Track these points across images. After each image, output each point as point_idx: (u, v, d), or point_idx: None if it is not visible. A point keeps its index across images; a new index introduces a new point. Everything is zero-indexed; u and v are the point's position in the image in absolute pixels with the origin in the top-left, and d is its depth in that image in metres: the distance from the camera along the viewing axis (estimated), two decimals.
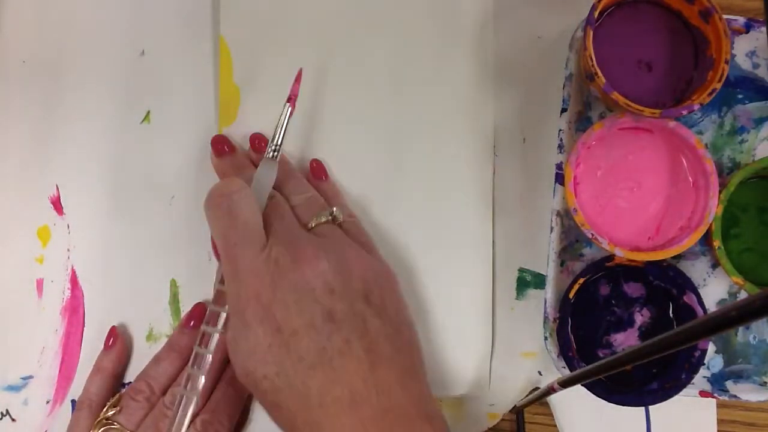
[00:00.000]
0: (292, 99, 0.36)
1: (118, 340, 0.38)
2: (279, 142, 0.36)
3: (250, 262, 0.31)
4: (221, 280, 0.33)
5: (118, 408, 0.35)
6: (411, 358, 0.32)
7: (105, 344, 0.38)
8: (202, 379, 0.33)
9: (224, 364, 0.36)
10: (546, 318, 0.37)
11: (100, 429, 0.35)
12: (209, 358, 0.33)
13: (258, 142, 0.39)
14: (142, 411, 0.35)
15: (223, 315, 0.33)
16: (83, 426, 0.35)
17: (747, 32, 0.39)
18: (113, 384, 0.38)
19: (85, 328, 0.39)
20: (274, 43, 0.40)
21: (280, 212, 0.34)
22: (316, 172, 0.39)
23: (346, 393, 0.29)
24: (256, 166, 0.36)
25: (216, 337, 0.33)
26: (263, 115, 0.40)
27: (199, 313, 0.38)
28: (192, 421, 0.34)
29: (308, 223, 0.34)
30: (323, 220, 0.34)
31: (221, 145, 0.38)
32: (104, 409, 0.35)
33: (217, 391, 0.36)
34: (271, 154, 0.35)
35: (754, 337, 0.39)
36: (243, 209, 0.32)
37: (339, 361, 0.30)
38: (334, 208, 0.35)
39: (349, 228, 0.36)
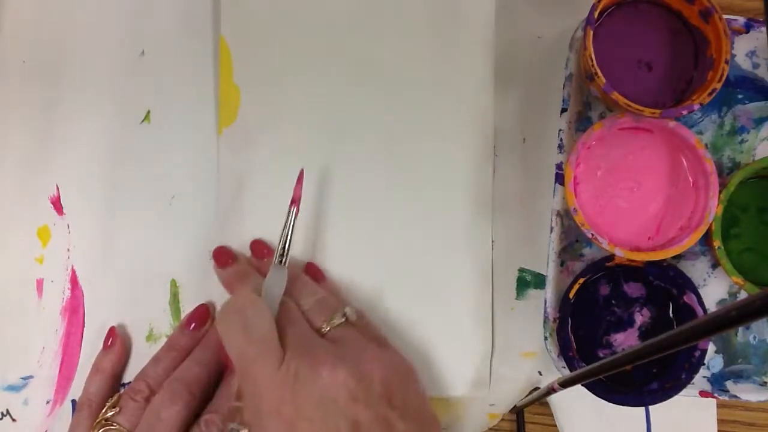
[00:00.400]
0: (295, 202, 0.36)
1: (117, 341, 0.38)
2: (287, 248, 0.35)
3: (269, 377, 0.30)
4: (237, 396, 0.32)
5: (117, 408, 0.35)
6: None
7: (104, 344, 0.38)
8: None
9: None
10: (546, 318, 0.37)
11: (99, 430, 0.35)
12: None
13: (259, 248, 0.38)
14: (141, 411, 0.35)
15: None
16: (84, 427, 0.35)
17: (747, 32, 0.39)
18: (113, 384, 0.38)
19: (85, 328, 0.39)
20: (274, 42, 0.40)
21: (292, 319, 0.33)
22: (313, 274, 0.38)
23: None
24: (259, 272, 0.36)
25: None
26: (263, 115, 0.40)
27: (201, 314, 0.38)
28: (196, 423, 0.34)
29: (321, 327, 0.34)
30: (336, 323, 0.34)
31: (224, 257, 0.38)
32: (104, 410, 0.35)
33: (220, 392, 0.36)
34: (278, 260, 0.35)
35: (754, 337, 0.39)
36: (259, 325, 0.32)
37: None
38: (347, 309, 0.34)
39: (361, 326, 0.35)
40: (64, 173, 0.41)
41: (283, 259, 0.35)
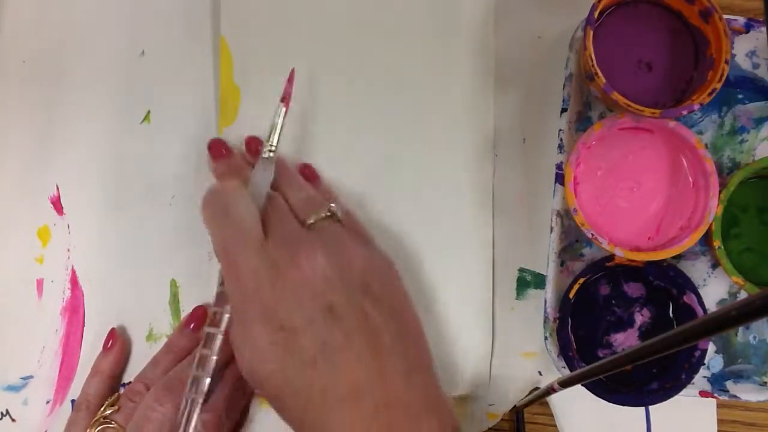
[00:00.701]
0: (285, 99, 0.36)
1: (117, 342, 0.38)
2: (274, 142, 0.35)
3: (249, 261, 0.31)
4: (222, 282, 0.33)
5: (115, 407, 0.35)
6: (415, 349, 0.32)
7: (104, 346, 0.38)
8: (207, 382, 0.33)
9: (226, 364, 0.36)
10: (546, 318, 0.37)
11: (97, 428, 0.35)
12: (214, 360, 0.33)
13: (253, 144, 0.39)
14: None
15: (226, 316, 0.33)
16: (81, 426, 0.35)
17: (747, 32, 0.39)
18: (111, 385, 0.38)
19: (85, 328, 0.39)
20: (274, 42, 0.40)
21: (277, 211, 0.34)
22: (308, 175, 0.39)
23: (348, 388, 0.29)
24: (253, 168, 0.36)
25: (220, 338, 0.33)
26: (264, 114, 0.40)
27: (199, 315, 0.38)
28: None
29: (307, 221, 0.34)
30: (322, 216, 0.34)
31: (218, 148, 0.38)
32: (102, 409, 0.35)
33: (219, 390, 0.36)
34: (267, 154, 0.35)
35: (754, 337, 0.39)
36: (239, 208, 0.32)
37: (340, 355, 0.30)
38: (332, 204, 0.35)
39: (348, 223, 0.36)
40: (64, 173, 0.41)
41: (270, 153, 0.35)
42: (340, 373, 0.29)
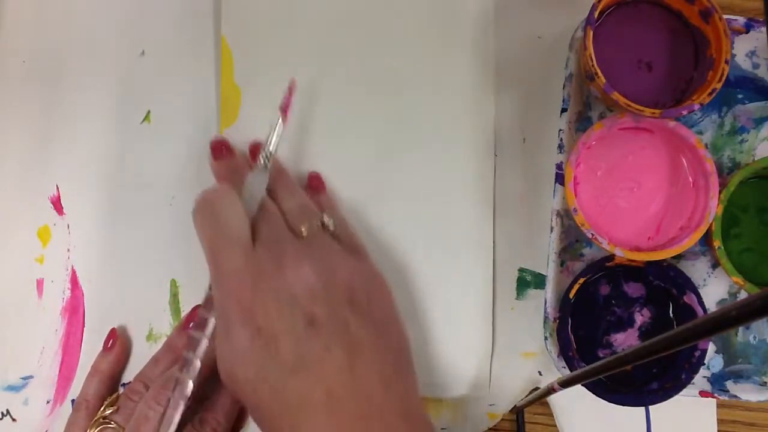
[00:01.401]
0: (284, 109, 0.36)
1: (117, 343, 0.38)
2: (270, 151, 0.35)
3: (233, 266, 0.31)
4: (210, 286, 0.33)
5: (115, 407, 0.35)
6: (397, 361, 0.32)
7: (104, 346, 0.38)
8: (191, 384, 0.33)
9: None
10: (546, 318, 0.37)
11: (97, 428, 0.35)
12: (198, 363, 0.33)
13: (255, 150, 0.38)
14: None
15: (212, 320, 0.33)
16: (80, 426, 0.35)
17: (747, 32, 0.39)
18: (110, 385, 0.38)
19: (85, 328, 0.39)
20: (275, 43, 0.40)
21: (268, 218, 0.33)
22: (314, 184, 0.39)
23: (324, 398, 0.29)
24: None
25: (204, 342, 0.33)
26: (264, 115, 0.40)
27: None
28: (190, 421, 0.34)
29: (298, 229, 0.34)
30: (313, 226, 0.34)
31: (219, 148, 0.38)
32: (101, 409, 0.35)
33: (216, 391, 0.36)
34: (262, 162, 0.35)
35: (754, 337, 0.39)
36: (228, 213, 0.32)
37: (318, 366, 0.29)
38: (324, 215, 0.35)
39: (340, 235, 0.35)
40: (64, 173, 0.41)
41: (266, 162, 0.35)
42: (318, 383, 0.29)
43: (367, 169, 0.40)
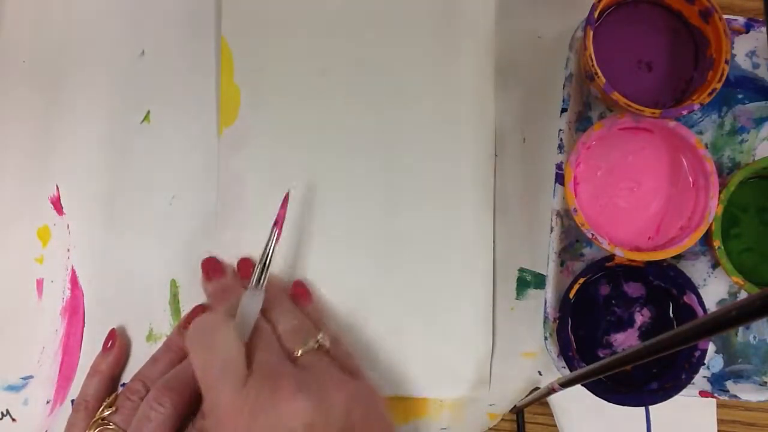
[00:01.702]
0: (278, 223, 0.35)
1: (117, 343, 0.38)
2: (265, 272, 0.35)
3: (229, 399, 0.30)
4: (203, 414, 0.32)
5: (113, 408, 0.35)
6: None
7: (103, 346, 0.38)
8: None
9: None
10: (546, 318, 0.37)
11: (95, 429, 0.35)
12: None
13: (245, 267, 0.38)
14: (136, 411, 0.35)
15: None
16: (79, 427, 0.35)
17: (747, 32, 0.39)
18: (110, 386, 0.38)
19: (85, 328, 0.39)
20: (275, 43, 0.40)
21: (264, 343, 0.33)
22: (299, 296, 0.38)
23: None
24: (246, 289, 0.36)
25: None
26: (264, 115, 0.40)
27: (198, 314, 0.38)
28: (191, 423, 0.34)
29: (294, 352, 0.33)
30: (309, 348, 0.34)
31: (211, 269, 0.38)
32: (100, 409, 0.35)
33: None
34: (255, 282, 0.35)
35: (754, 337, 0.39)
36: (222, 345, 0.32)
37: None
38: (320, 336, 0.34)
39: (336, 353, 0.35)
40: (64, 173, 0.41)
41: (260, 283, 0.35)
42: None
43: (366, 169, 0.40)
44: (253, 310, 0.34)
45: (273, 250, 0.35)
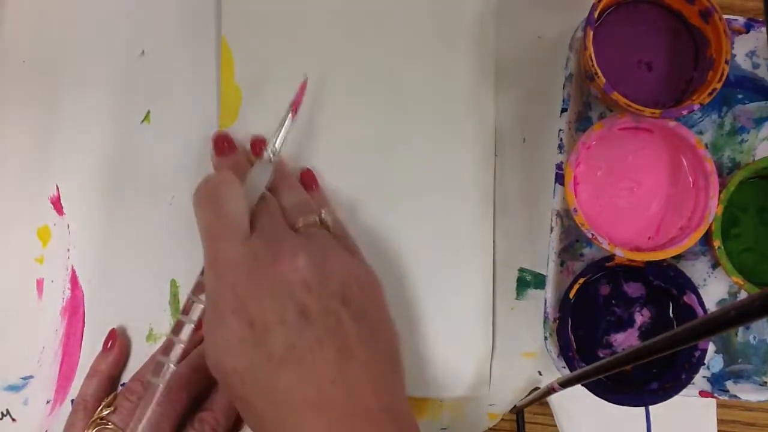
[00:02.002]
0: (295, 105, 0.36)
1: (117, 344, 0.38)
2: (277, 146, 0.35)
3: (230, 254, 0.31)
4: (202, 271, 0.33)
5: (112, 408, 0.35)
6: (387, 363, 0.32)
7: (103, 347, 0.38)
8: (172, 368, 0.33)
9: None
10: (546, 318, 0.37)
11: (94, 429, 0.35)
12: (180, 348, 0.33)
13: (258, 145, 0.39)
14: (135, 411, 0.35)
15: (200, 306, 0.33)
16: (78, 427, 0.35)
17: (747, 32, 0.39)
18: (109, 386, 0.38)
19: (85, 328, 0.39)
20: (275, 42, 0.40)
21: (267, 210, 0.33)
22: (307, 181, 0.39)
23: (313, 393, 0.29)
24: None
25: (189, 327, 0.33)
26: (265, 115, 0.40)
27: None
28: (189, 421, 0.34)
29: (296, 224, 0.34)
30: (311, 221, 0.34)
31: (223, 143, 0.38)
32: (99, 409, 0.35)
33: (215, 390, 0.36)
34: (267, 156, 0.35)
35: (754, 337, 0.39)
36: (229, 201, 0.32)
37: (309, 359, 0.29)
38: (323, 211, 0.35)
39: (337, 232, 0.36)
40: (64, 173, 0.41)
41: (272, 156, 0.35)
42: (307, 377, 0.29)
43: (367, 169, 0.40)
44: (261, 182, 0.34)
45: (287, 128, 0.35)
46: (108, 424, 0.35)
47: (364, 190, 0.40)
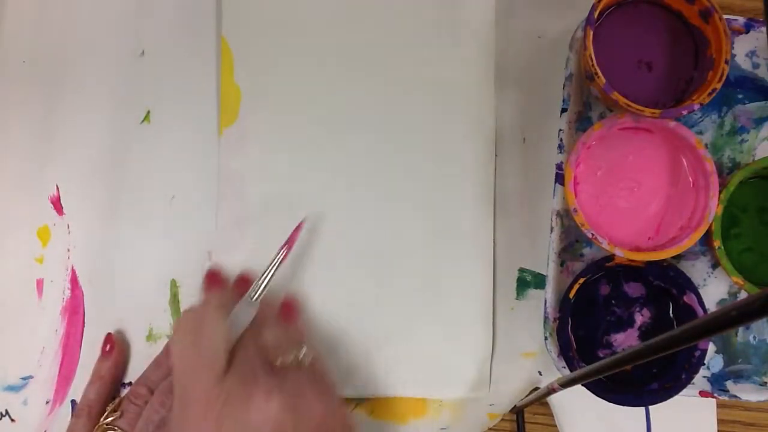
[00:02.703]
0: (289, 245, 0.36)
1: (115, 347, 0.38)
2: (263, 287, 0.35)
3: (204, 388, 0.30)
4: (170, 407, 0.32)
5: (118, 413, 0.35)
6: None
7: (102, 351, 0.38)
8: None
9: None
10: (546, 318, 0.37)
11: None
12: None
13: (243, 283, 0.38)
14: (141, 415, 0.35)
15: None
16: None
17: (747, 32, 0.39)
18: (111, 389, 0.38)
19: (85, 328, 0.39)
20: (275, 42, 0.40)
21: (247, 348, 0.33)
22: (288, 312, 0.38)
23: None
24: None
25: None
26: (264, 115, 0.40)
27: None
28: None
29: (275, 362, 0.33)
30: (289, 360, 0.33)
31: (213, 280, 0.38)
32: (105, 415, 0.35)
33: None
34: (253, 296, 0.35)
35: (754, 337, 0.39)
36: (209, 336, 0.31)
37: None
38: (303, 349, 0.34)
39: (314, 370, 0.34)
40: (64, 173, 0.41)
41: (256, 296, 0.35)
42: None
43: (367, 169, 0.40)
44: (243, 321, 0.34)
45: (276, 269, 0.36)
46: (115, 429, 0.34)
47: (364, 190, 0.40)
